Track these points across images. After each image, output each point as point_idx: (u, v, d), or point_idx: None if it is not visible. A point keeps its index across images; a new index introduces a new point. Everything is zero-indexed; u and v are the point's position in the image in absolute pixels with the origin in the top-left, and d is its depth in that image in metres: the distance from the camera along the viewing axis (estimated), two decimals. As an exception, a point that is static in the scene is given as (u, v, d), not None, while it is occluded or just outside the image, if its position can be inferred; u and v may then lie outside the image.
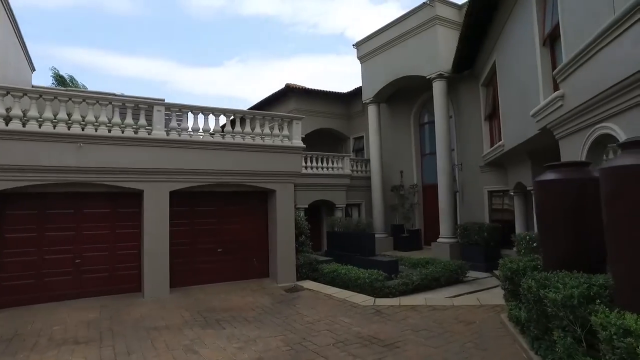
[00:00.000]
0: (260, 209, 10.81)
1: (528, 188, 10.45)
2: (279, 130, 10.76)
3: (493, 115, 12.80)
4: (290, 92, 19.44)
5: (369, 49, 17.35)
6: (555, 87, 7.20)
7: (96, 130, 8.37)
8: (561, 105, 6.22)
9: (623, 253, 3.63)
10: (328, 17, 74.07)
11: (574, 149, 6.17)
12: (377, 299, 8.45)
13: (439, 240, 13.72)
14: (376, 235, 16.31)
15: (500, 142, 10.60)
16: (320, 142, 20.43)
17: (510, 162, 11.69)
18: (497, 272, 12.14)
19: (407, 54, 15.35)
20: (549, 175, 5.32)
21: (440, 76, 14.05)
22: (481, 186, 13.76)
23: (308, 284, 10.20)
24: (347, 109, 20.96)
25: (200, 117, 9.79)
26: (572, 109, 5.87)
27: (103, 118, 8.47)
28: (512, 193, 12.18)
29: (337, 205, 16.54)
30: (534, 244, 8.52)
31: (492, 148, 12.11)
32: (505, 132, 10.43)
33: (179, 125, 9.32)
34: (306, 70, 71.59)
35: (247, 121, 10.22)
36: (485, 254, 12.39)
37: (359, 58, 18.01)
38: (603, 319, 3.18)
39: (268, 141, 10.31)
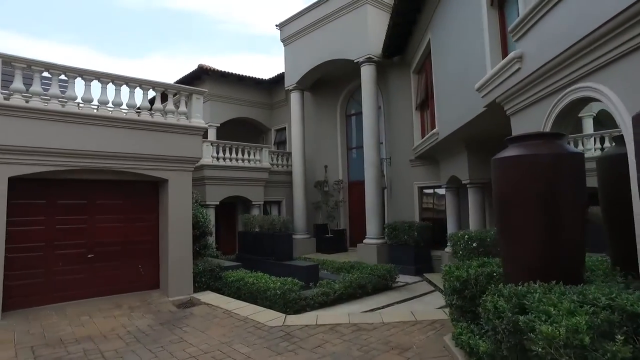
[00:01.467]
0: (149, 203, 8.56)
1: (464, 182, 9.36)
2: (175, 106, 8.61)
3: (425, 103, 11.70)
4: (204, 75, 17.11)
5: (293, 30, 15.65)
6: (505, 54, 5.98)
7: None
8: (518, 70, 4.92)
9: None
10: (261, 16, 71.26)
11: (532, 125, 4.89)
12: (290, 316, 6.69)
13: (365, 241, 12.35)
14: (297, 236, 14.71)
15: (434, 130, 9.42)
16: (238, 133, 18.36)
17: (443, 154, 10.60)
18: (428, 276, 11.06)
19: (334, 35, 13.87)
20: (513, 151, 3.92)
21: (369, 60, 12.73)
22: (411, 182, 12.64)
23: (207, 296, 8.17)
24: (268, 98, 19.08)
25: (69, 82, 7.35)
26: (533, 71, 4.57)
27: None
28: (444, 188, 11.13)
29: (253, 203, 14.58)
30: (474, 244, 7.31)
31: (423, 139, 10.97)
32: (440, 119, 9.26)
33: (27, 88, 6.84)
34: (238, 69, 68.27)
35: (131, 91, 7.96)
36: (415, 256, 11.21)
37: (283, 40, 16.24)
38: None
39: (159, 118, 8.13)
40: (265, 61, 62.83)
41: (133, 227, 8.32)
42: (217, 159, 13.68)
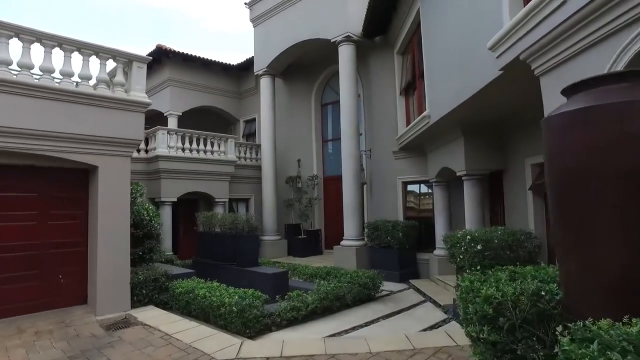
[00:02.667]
0: (75, 196, 6.82)
1: (459, 173, 8.02)
2: (110, 76, 6.91)
3: (411, 86, 10.35)
4: (164, 58, 15.31)
5: (264, 9, 14.07)
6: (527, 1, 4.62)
7: None
8: (563, 4, 3.54)
9: None
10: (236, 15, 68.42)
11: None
12: (248, 343, 5.14)
13: (343, 243, 10.88)
14: (266, 238, 13.15)
15: (425, 113, 8.05)
16: (203, 123, 16.54)
17: (433, 142, 9.26)
18: (414, 283, 9.69)
19: (309, 13, 12.38)
20: (584, 101, 2.52)
21: (348, 39, 11.30)
22: (394, 176, 11.26)
23: (148, 313, 6.52)
24: (237, 86, 17.40)
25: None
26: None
27: None
28: (432, 182, 9.79)
29: (217, 200, 12.91)
30: (478, 247, 5.95)
31: (409, 126, 9.60)
32: (432, 99, 7.89)
33: None
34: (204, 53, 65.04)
35: (47, 50, 6.22)
36: (399, 260, 9.83)
37: (252, 20, 14.63)
38: None
39: (86, 88, 6.42)
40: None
41: (53, 226, 6.57)
42: (175, 149, 11.95)
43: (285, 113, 15.16)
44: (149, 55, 14.94)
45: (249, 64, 15.53)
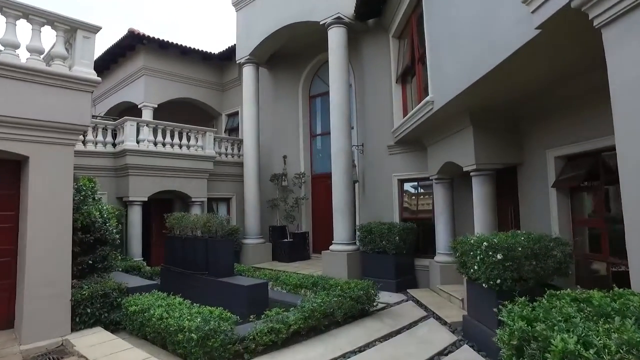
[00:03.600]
0: (4, 193, 5.57)
1: (466, 168, 6.92)
2: (47, 46, 5.67)
3: (410, 71, 9.24)
4: (138, 44, 14.02)
5: (246, -9, 12.88)
6: None
7: None
8: None
9: None
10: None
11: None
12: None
13: (332, 247, 9.72)
14: (248, 241, 11.98)
15: (428, 98, 6.93)
16: (182, 117, 15.23)
17: (434, 135, 8.15)
18: (413, 293, 8.56)
19: (296, -7, 11.23)
20: None
21: (338, 21, 10.14)
22: (389, 173, 10.13)
23: (91, 338, 5.29)
24: (219, 77, 16.14)
25: None
26: None
27: None
28: (433, 180, 8.69)
29: (193, 200, 11.67)
30: (498, 256, 4.85)
31: (407, 116, 8.47)
32: (437, 82, 6.77)
33: None
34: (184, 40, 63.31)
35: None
36: (396, 267, 8.72)
37: (234, 4, 13.42)
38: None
39: (9, 57, 5.16)
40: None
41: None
42: (146, 143, 10.68)
43: (270, 105, 13.97)
44: (120, 41, 13.78)
45: (231, 52, 14.30)
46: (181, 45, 14.32)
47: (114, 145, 10.81)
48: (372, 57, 10.80)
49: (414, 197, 10.00)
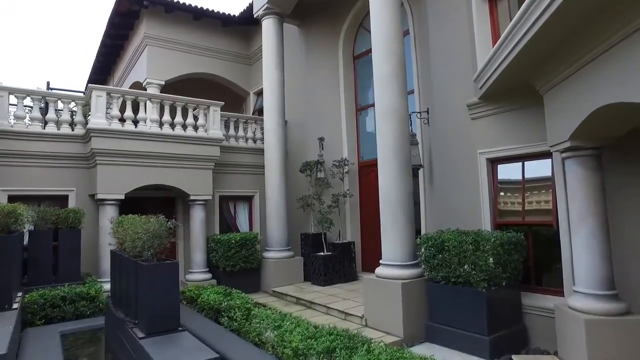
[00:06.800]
0: None
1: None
2: None
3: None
4: (141, 9, 11.32)
5: None
6: None
7: None
8: None
9: None
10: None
11: None
12: None
13: (379, 271, 6.01)
14: (269, 255, 8.74)
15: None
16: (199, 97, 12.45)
17: (565, 59, 4.14)
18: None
19: None
20: None
21: None
22: (472, 150, 6.23)
23: None
24: (244, 47, 13.04)
25: None
26: None
27: None
28: (563, 155, 4.67)
29: (192, 198, 8.59)
30: None
31: (504, 37, 4.53)
32: None
33: None
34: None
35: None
36: (490, 310, 4.84)
37: (252, -58, 10.22)
38: None
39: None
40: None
41: None
42: (118, 121, 7.78)
43: (301, 73, 10.57)
44: (117, 4, 11.10)
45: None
46: (193, 6, 11.39)
47: (85, 125, 8.05)
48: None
49: (517, 189, 5.94)
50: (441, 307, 5.35)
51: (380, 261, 6.06)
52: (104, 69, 15.38)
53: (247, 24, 12.11)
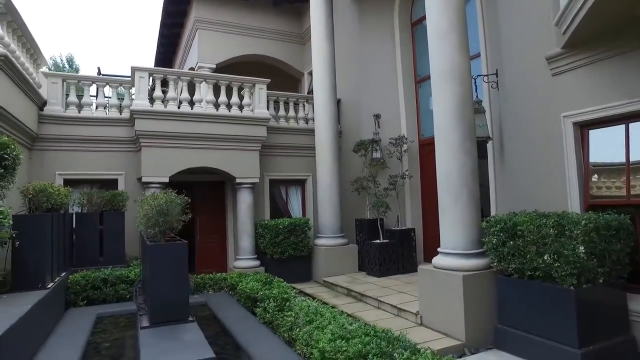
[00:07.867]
0: None
1: None
2: None
3: None
4: (192, -8, 11.16)
5: None
6: None
7: None
8: None
9: None
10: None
11: None
12: None
13: (436, 260, 5.08)
14: (320, 242, 8.12)
15: None
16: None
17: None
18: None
19: None
20: None
21: None
22: (555, 114, 5.03)
23: None
24: (296, 25, 12.43)
25: None
26: None
27: None
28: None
29: (239, 181, 8.18)
30: None
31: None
32: None
33: None
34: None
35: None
36: (580, 315, 3.75)
37: None
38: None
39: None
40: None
41: None
42: (162, 101, 7.55)
43: (353, 43, 9.70)
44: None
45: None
46: (245, -14, 10.99)
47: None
48: None
49: (618, 159, 4.65)
50: (514, 306, 4.32)
51: (439, 249, 5.13)
52: (165, 60, 15.64)
53: (298, 1, 11.48)
